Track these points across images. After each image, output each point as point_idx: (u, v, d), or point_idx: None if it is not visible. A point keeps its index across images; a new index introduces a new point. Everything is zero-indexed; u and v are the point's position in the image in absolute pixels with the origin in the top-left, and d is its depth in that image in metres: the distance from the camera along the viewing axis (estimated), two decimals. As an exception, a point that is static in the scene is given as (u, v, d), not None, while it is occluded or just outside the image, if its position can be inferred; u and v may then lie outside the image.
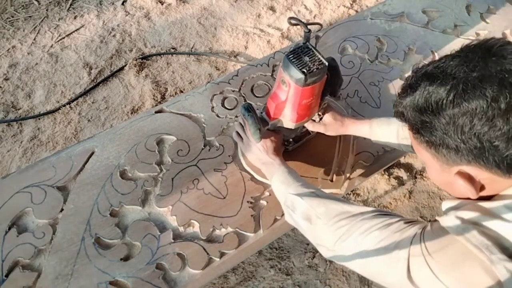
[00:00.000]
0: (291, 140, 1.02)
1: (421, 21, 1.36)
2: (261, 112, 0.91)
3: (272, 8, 2.10)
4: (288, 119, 0.88)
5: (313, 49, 0.79)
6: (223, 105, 1.11)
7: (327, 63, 0.78)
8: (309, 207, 0.75)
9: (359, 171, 1.03)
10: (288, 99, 0.82)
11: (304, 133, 1.04)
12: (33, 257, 0.85)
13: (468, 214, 0.54)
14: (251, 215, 0.93)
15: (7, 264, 0.83)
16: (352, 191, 1.52)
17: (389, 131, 0.92)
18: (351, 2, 2.14)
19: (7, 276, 0.82)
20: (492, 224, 0.51)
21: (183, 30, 1.98)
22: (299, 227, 0.80)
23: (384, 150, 1.05)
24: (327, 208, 0.73)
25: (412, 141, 0.63)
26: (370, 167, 1.04)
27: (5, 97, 1.70)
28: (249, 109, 0.84)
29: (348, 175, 1.02)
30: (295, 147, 1.03)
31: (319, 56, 0.78)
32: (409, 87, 0.58)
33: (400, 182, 1.56)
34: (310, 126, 1.00)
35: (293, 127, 0.90)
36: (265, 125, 0.89)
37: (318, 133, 1.01)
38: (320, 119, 0.99)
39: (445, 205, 0.61)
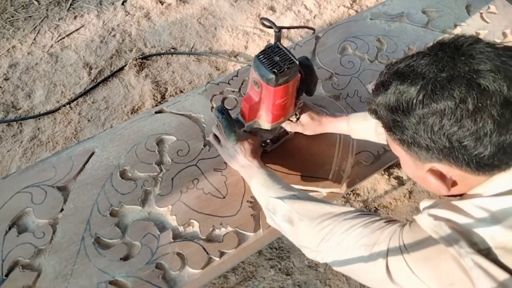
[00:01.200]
0: (268, 141, 1.00)
1: (421, 21, 1.36)
2: (237, 114, 0.89)
3: (272, 8, 2.10)
4: (263, 120, 0.87)
5: (283, 49, 0.78)
6: (223, 105, 1.11)
7: (298, 62, 0.77)
8: (291, 210, 0.75)
9: (359, 171, 1.03)
10: (261, 100, 0.82)
11: (282, 133, 1.03)
12: (33, 257, 0.85)
13: (441, 212, 0.55)
14: (251, 215, 0.93)
15: (7, 264, 0.83)
16: (352, 191, 1.52)
17: (367, 127, 0.92)
18: (351, 2, 2.14)
19: (7, 275, 0.82)
20: (463, 221, 0.52)
21: (183, 30, 1.98)
22: (281, 230, 0.80)
23: (384, 150, 1.05)
24: (309, 210, 0.73)
25: (387, 138, 0.64)
26: (370, 167, 1.04)
27: (5, 97, 1.70)
28: (222, 111, 0.83)
29: (348, 175, 1.02)
30: (273, 148, 1.02)
31: (290, 56, 0.77)
32: (381, 85, 0.58)
33: (400, 182, 1.56)
34: (288, 127, 1.00)
35: (269, 128, 0.89)
36: (241, 127, 0.87)
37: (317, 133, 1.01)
38: (298, 119, 0.98)
39: (422, 205, 0.63)
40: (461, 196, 0.60)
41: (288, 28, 0.84)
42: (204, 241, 0.89)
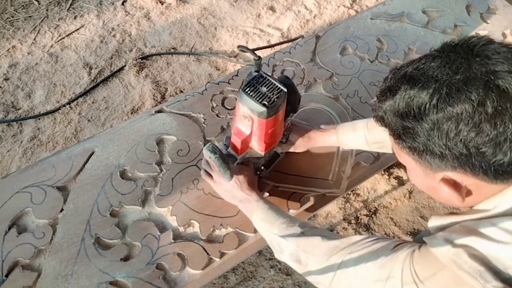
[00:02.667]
0: (262, 167, 0.97)
1: (421, 21, 1.36)
2: (227, 148, 0.86)
3: (272, 8, 2.10)
4: (256, 150, 0.85)
5: (268, 77, 0.76)
6: (223, 105, 1.11)
7: (285, 89, 0.75)
8: (297, 248, 0.73)
9: (359, 171, 1.03)
10: (253, 132, 0.80)
11: (274, 156, 1.00)
12: (33, 257, 0.85)
13: (458, 238, 0.51)
14: (251, 215, 0.93)
15: (7, 264, 0.83)
16: (352, 191, 1.52)
17: (356, 138, 0.91)
18: (351, 2, 2.13)
19: (7, 276, 0.82)
20: (482, 246, 0.48)
21: (183, 30, 1.98)
22: (291, 266, 0.78)
23: (384, 150, 1.05)
24: (315, 246, 0.70)
25: (393, 146, 0.60)
26: (370, 167, 1.04)
27: (5, 97, 1.70)
28: (214, 150, 0.78)
29: (348, 175, 1.02)
30: (267, 173, 0.99)
31: (276, 83, 0.75)
32: (388, 90, 0.55)
33: (400, 182, 1.56)
34: (279, 149, 0.98)
35: (262, 156, 0.87)
36: (234, 161, 0.84)
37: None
38: (287, 139, 0.96)
39: (432, 223, 0.59)
40: (471, 207, 0.56)
41: (247, 52, 0.78)
42: (205, 242, 0.89)
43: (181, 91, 1.76)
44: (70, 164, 0.97)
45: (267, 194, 0.97)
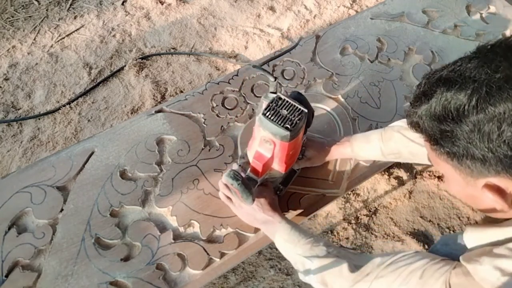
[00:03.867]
0: (280, 186, 0.96)
1: (421, 21, 1.36)
2: (243, 170, 0.85)
3: (272, 8, 2.09)
4: (276, 171, 0.85)
5: (286, 98, 0.75)
6: (223, 105, 1.11)
7: (306, 110, 0.75)
8: (322, 271, 0.71)
9: (359, 171, 1.03)
10: (274, 155, 0.79)
11: (290, 172, 0.98)
12: (33, 257, 0.85)
13: (509, 264, 0.46)
14: (251, 215, 0.93)
15: (7, 264, 0.83)
16: (352, 191, 1.51)
17: (371, 150, 0.91)
18: (351, 2, 2.13)
19: (7, 276, 0.82)
20: None
21: (183, 30, 1.98)
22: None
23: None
24: (341, 271, 0.69)
25: (429, 153, 0.58)
26: (370, 167, 1.04)
27: (5, 97, 1.70)
28: (236, 177, 0.78)
29: (348, 176, 1.01)
30: (285, 191, 0.98)
31: (296, 105, 0.74)
32: (423, 95, 0.53)
33: (400, 182, 1.56)
34: (296, 165, 0.97)
35: (282, 176, 0.87)
36: (254, 184, 0.83)
37: None
38: (303, 155, 0.96)
39: (470, 238, 0.54)
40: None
41: (263, 73, 0.79)
42: (205, 242, 0.89)
43: (181, 91, 1.76)
44: (70, 164, 0.97)
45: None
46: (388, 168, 1.56)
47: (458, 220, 1.50)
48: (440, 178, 1.57)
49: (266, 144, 0.77)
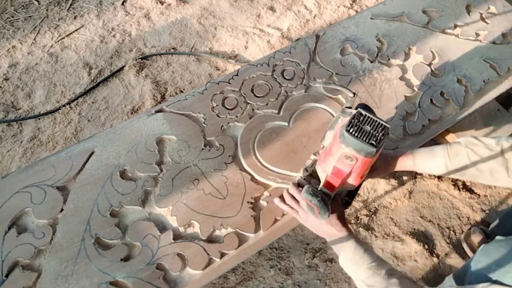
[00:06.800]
0: (346, 198, 0.95)
1: (421, 21, 1.36)
2: (307, 182, 0.86)
3: (272, 8, 2.09)
4: (349, 184, 0.84)
5: (368, 114, 0.74)
6: (223, 105, 1.11)
7: (389, 125, 0.74)
8: None
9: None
10: (353, 170, 0.78)
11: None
12: (33, 257, 0.85)
13: None
14: (251, 216, 0.93)
15: (7, 264, 0.83)
16: (352, 191, 1.51)
17: (435, 165, 0.91)
18: (351, 2, 2.14)
19: (7, 276, 0.82)
20: None
21: (183, 30, 1.98)
22: None
23: (384, 150, 1.05)
24: None
25: None
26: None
27: (5, 97, 1.70)
28: (315, 194, 0.79)
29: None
30: (351, 203, 0.97)
31: (378, 120, 0.74)
32: None
33: (400, 182, 1.56)
34: None
35: (353, 189, 0.87)
36: (329, 198, 0.83)
37: None
38: None
39: None
40: None
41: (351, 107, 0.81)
42: (205, 242, 0.89)
43: (181, 91, 1.76)
44: (70, 164, 0.97)
45: (267, 193, 0.97)
46: (388, 168, 1.56)
47: (458, 220, 1.50)
48: (440, 178, 1.57)
49: (347, 161, 0.76)
